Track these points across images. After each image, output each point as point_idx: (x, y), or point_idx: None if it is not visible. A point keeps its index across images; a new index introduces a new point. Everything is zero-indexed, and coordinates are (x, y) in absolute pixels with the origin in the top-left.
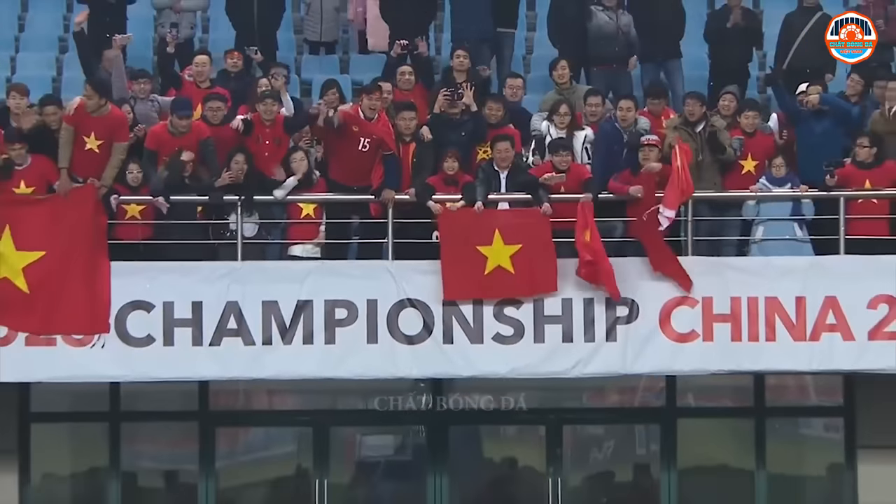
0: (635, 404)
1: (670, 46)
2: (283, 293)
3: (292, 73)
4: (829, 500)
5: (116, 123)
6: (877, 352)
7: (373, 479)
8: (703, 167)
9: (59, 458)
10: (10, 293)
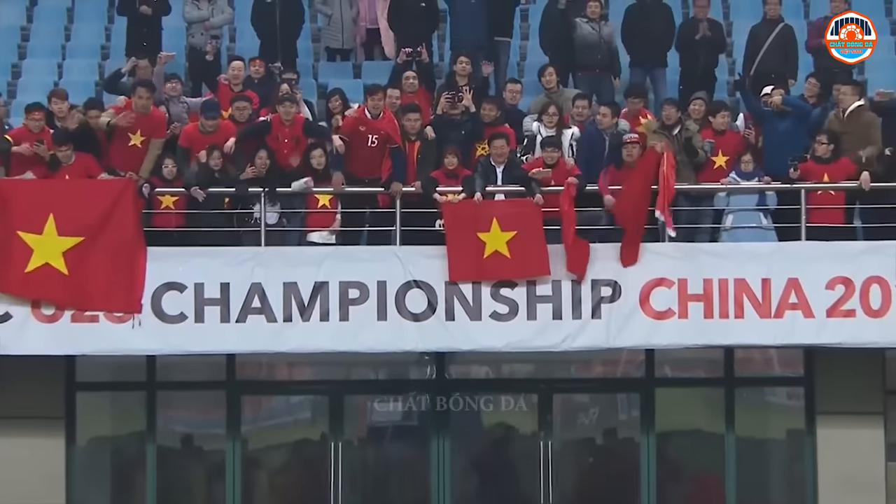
0: (618, 375)
1: (658, 55)
2: (301, 275)
3: (310, 79)
4: (791, 460)
5: (156, 122)
6: (834, 328)
7: (382, 442)
8: (680, 165)
9: (101, 423)
10: (52, 275)
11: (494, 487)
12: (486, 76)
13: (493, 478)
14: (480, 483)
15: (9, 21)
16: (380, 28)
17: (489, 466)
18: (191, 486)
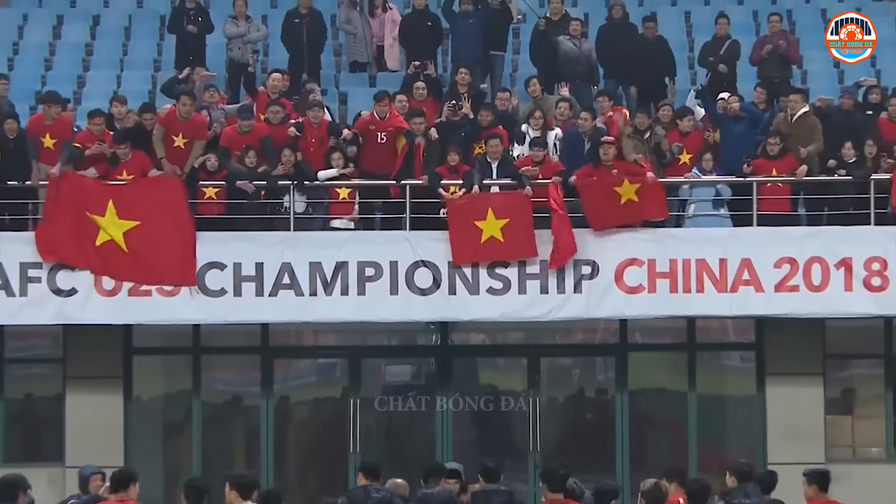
0: (596, 341)
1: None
2: (325, 256)
3: (332, 87)
4: (744, 415)
5: (198, 126)
6: (781, 301)
7: (394, 399)
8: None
9: (153, 383)
10: (114, 251)
11: (490, 437)
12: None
13: (488, 429)
14: (478, 434)
15: (75, 38)
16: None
17: (485, 419)
18: (231, 438)
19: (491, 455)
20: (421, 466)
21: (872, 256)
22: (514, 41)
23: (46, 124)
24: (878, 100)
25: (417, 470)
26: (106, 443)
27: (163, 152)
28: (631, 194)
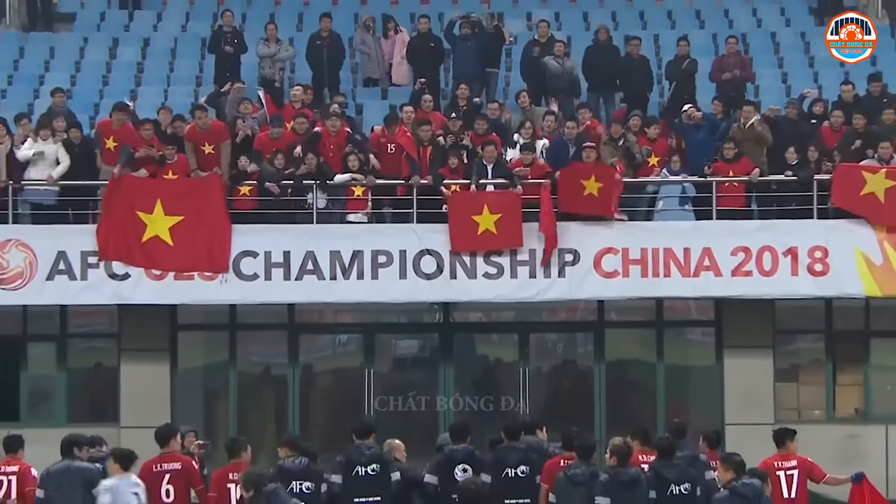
0: (577, 319)
1: (608, 84)
2: (343, 245)
3: (350, 100)
4: (704, 383)
5: (219, 132)
6: (736, 284)
7: (403, 369)
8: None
9: (195, 355)
10: (159, 245)
11: (486, 402)
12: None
13: (484, 395)
14: (475, 398)
15: (128, 58)
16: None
17: (482, 386)
18: (262, 402)
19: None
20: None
21: (815, 246)
22: (506, 60)
23: (112, 129)
24: (821, 111)
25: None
26: (154, 407)
27: (195, 163)
28: (593, 189)
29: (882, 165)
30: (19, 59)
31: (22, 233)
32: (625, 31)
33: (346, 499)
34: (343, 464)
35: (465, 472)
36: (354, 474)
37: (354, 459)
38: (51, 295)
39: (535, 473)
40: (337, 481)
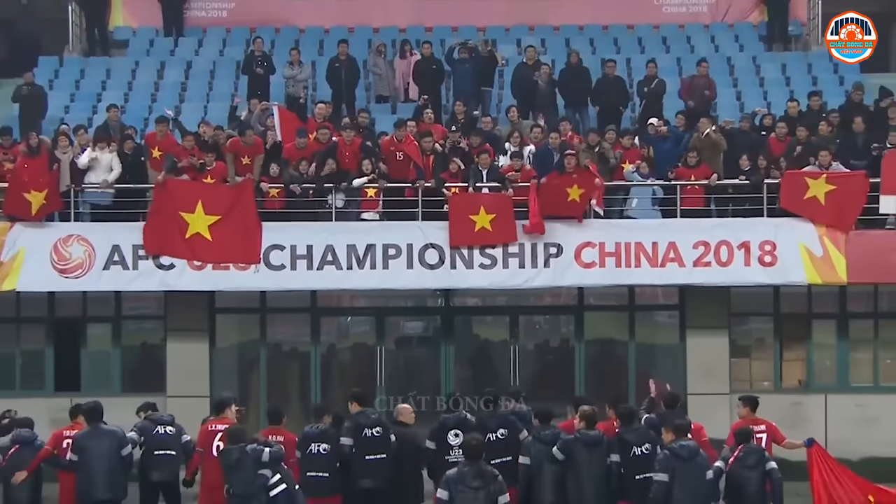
0: (560, 303)
1: (582, 100)
2: (359, 240)
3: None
4: (670, 358)
5: (257, 146)
6: (697, 273)
7: (410, 346)
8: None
9: (231, 334)
10: (201, 241)
11: (481, 375)
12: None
13: (480, 369)
14: (472, 373)
15: (173, 78)
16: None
17: (477, 362)
18: (288, 376)
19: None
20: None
21: (765, 240)
22: (499, 80)
23: (158, 140)
24: (770, 123)
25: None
26: (195, 379)
27: (234, 170)
28: (576, 196)
29: (822, 171)
30: (80, 79)
31: (82, 229)
32: (601, 54)
33: (358, 456)
34: (353, 428)
35: (457, 436)
36: (363, 436)
37: (362, 423)
38: (107, 282)
39: (515, 435)
40: (348, 443)
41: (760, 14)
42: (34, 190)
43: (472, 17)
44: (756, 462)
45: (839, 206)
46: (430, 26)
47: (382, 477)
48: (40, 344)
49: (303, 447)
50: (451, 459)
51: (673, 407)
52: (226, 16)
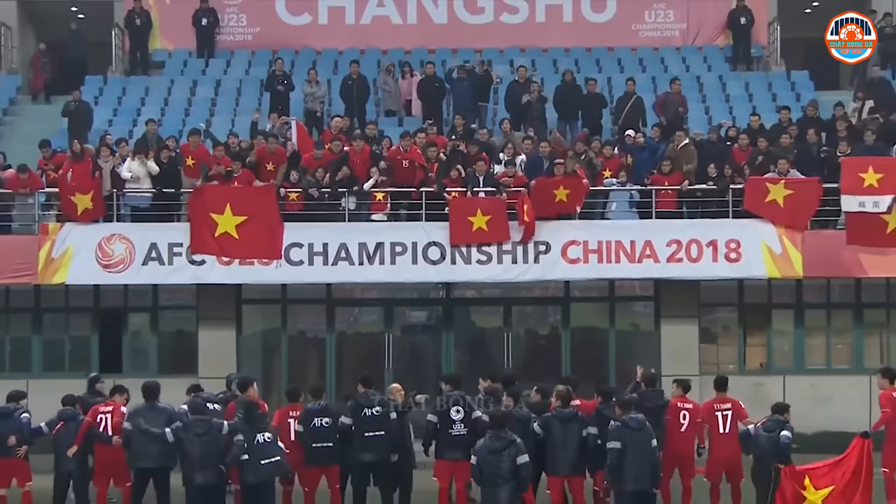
0: (549, 295)
1: (573, 114)
2: (369, 238)
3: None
4: (646, 343)
5: (281, 155)
6: (670, 268)
7: (414, 333)
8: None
9: (256, 322)
10: (229, 239)
11: (478, 359)
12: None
13: (477, 353)
14: (470, 357)
15: (204, 94)
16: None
17: (475, 347)
18: (306, 359)
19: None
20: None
21: (730, 239)
22: (493, 96)
23: (191, 150)
24: (735, 135)
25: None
26: (224, 362)
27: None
28: (563, 196)
29: (781, 178)
30: (122, 96)
31: (123, 229)
32: (585, 73)
33: (358, 434)
34: (353, 408)
35: (458, 412)
36: (363, 415)
37: (363, 404)
38: (145, 276)
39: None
40: (347, 422)
41: (726, 38)
42: (79, 193)
43: (469, 41)
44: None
45: (796, 209)
46: (432, 48)
47: (382, 451)
48: (86, 331)
49: (306, 422)
50: (453, 433)
51: (652, 385)
52: (251, 39)
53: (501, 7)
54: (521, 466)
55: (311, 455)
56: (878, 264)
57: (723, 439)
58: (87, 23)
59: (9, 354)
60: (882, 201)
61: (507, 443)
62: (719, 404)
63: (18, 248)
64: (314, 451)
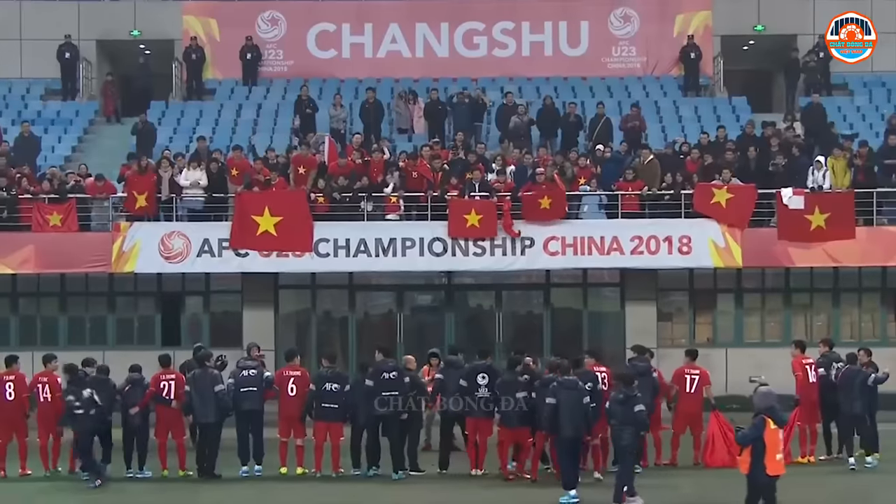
0: (533, 282)
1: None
2: (384, 234)
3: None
4: (613, 322)
5: (312, 162)
6: (633, 260)
7: (421, 313)
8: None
9: (290, 304)
10: (269, 236)
11: (475, 335)
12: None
13: (474, 330)
14: (468, 333)
15: (247, 117)
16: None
17: (471, 325)
18: (332, 335)
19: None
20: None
21: (683, 235)
22: (487, 117)
23: (235, 162)
24: (686, 150)
25: None
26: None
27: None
28: (546, 205)
29: (724, 184)
30: (180, 118)
31: (181, 227)
32: (563, 98)
33: (376, 393)
34: (374, 372)
35: (484, 378)
36: (382, 378)
37: (382, 368)
38: (199, 266)
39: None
40: (370, 384)
41: (679, 70)
42: (138, 193)
43: (467, 71)
44: None
45: (736, 210)
46: (436, 77)
47: (394, 407)
48: (151, 311)
49: (318, 384)
50: (478, 396)
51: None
52: (286, 70)
53: (493, 43)
54: (637, 413)
55: (320, 412)
56: (803, 256)
57: (689, 398)
58: (152, 57)
59: (88, 330)
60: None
61: (631, 396)
62: (689, 370)
63: (96, 242)
64: (323, 409)
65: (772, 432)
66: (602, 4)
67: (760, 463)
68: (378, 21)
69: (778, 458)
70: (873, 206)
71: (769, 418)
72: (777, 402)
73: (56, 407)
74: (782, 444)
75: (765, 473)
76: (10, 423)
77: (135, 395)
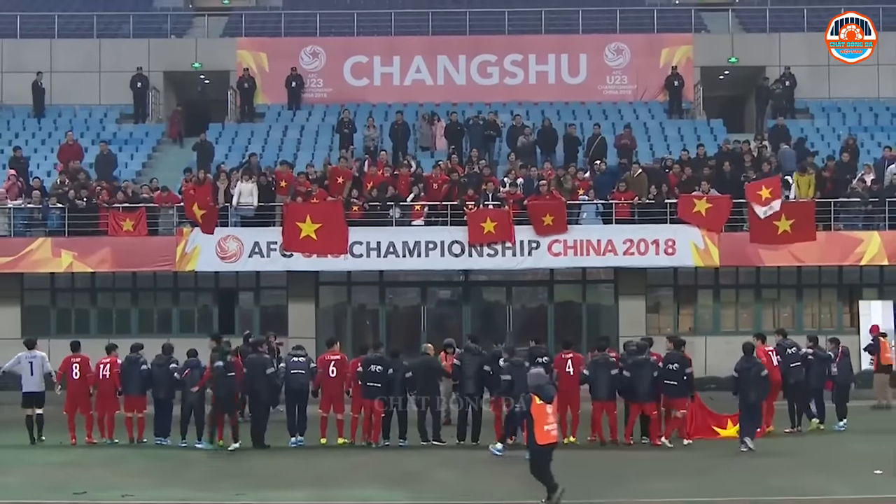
0: (539, 279)
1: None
2: (409, 238)
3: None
4: (608, 315)
5: (348, 174)
6: (625, 260)
7: (442, 307)
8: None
9: (329, 299)
10: (310, 240)
11: (488, 326)
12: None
13: (487, 322)
14: (482, 324)
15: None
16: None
17: (486, 317)
18: (365, 326)
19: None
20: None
21: (668, 238)
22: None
23: (282, 175)
24: (671, 165)
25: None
26: (306, 327)
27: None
28: (549, 221)
29: (703, 195)
30: (235, 138)
31: (235, 231)
32: (564, 120)
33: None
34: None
35: (506, 362)
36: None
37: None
38: (251, 265)
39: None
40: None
41: (665, 96)
42: (198, 207)
43: (481, 97)
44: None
45: (714, 217)
46: (455, 102)
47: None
48: (209, 304)
49: (365, 366)
50: (502, 376)
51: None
52: (325, 97)
53: (504, 73)
54: (762, 377)
55: (365, 391)
56: (772, 257)
57: None
58: (210, 86)
59: (156, 321)
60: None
61: (754, 363)
62: None
63: (162, 245)
64: (368, 388)
65: (538, 407)
66: (598, 39)
67: (532, 433)
68: (405, 54)
69: (546, 429)
70: (831, 213)
71: (535, 395)
72: (547, 381)
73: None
74: (550, 416)
75: (535, 442)
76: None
77: (192, 377)
